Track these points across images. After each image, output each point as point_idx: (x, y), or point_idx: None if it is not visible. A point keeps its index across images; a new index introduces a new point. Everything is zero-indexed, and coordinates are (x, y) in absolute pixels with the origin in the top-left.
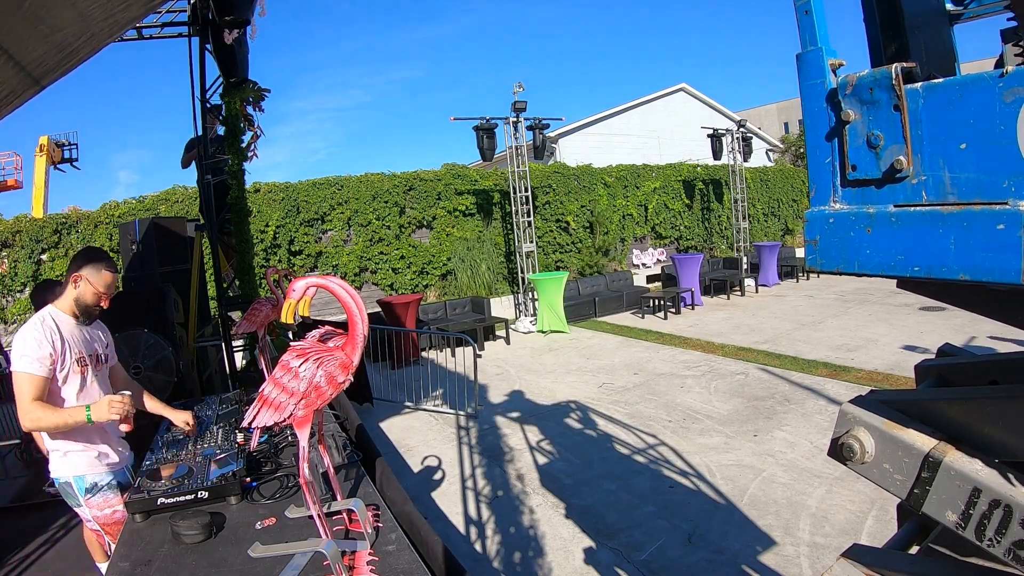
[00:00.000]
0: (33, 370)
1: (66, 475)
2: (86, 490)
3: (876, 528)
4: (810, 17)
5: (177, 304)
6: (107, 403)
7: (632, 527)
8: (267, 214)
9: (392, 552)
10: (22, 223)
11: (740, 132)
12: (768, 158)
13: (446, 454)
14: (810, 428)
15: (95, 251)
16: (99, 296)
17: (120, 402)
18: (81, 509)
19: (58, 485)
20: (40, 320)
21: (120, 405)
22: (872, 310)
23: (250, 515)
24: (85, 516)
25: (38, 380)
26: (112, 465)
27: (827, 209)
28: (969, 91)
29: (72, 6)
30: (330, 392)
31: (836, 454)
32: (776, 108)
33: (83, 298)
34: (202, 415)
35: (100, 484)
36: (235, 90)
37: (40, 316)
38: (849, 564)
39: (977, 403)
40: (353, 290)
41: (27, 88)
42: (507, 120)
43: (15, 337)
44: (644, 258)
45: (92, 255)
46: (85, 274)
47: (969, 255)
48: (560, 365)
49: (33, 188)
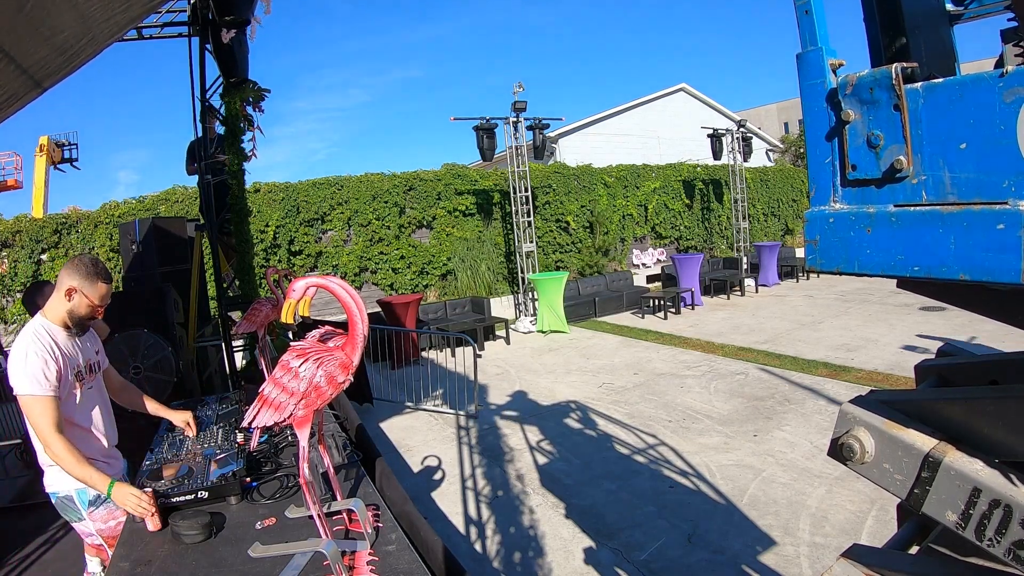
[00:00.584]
0: (46, 391)
1: (66, 489)
2: (89, 503)
3: (876, 528)
4: (810, 17)
5: (177, 304)
6: (134, 497)
7: (632, 527)
8: (267, 214)
9: (392, 552)
10: (22, 223)
11: (740, 132)
12: (768, 158)
13: (446, 454)
14: (810, 428)
15: (89, 262)
16: (94, 309)
17: (147, 501)
18: (83, 524)
19: (56, 500)
20: (34, 336)
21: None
22: (872, 310)
23: (250, 515)
24: (87, 531)
25: (52, 403)
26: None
27: (827, 209)
28: (969, 91)
29: (73, 8)
30: (330, 392)
31: (836, 454)
32: (776, 108)
33: (77, 311)
34: (202, 415)
35: (103, 496)
36: (235, 90)
37: (33, 330)
38: (849, 564)
39: (977, 403)
40: (353, 290)
41: (28, 90)
42: (507, 120)
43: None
44: (644, 258)
45: (86, 267)
46: (79, 287)
47: (969, 255)
48: (560, 365)
49: (33, 188)
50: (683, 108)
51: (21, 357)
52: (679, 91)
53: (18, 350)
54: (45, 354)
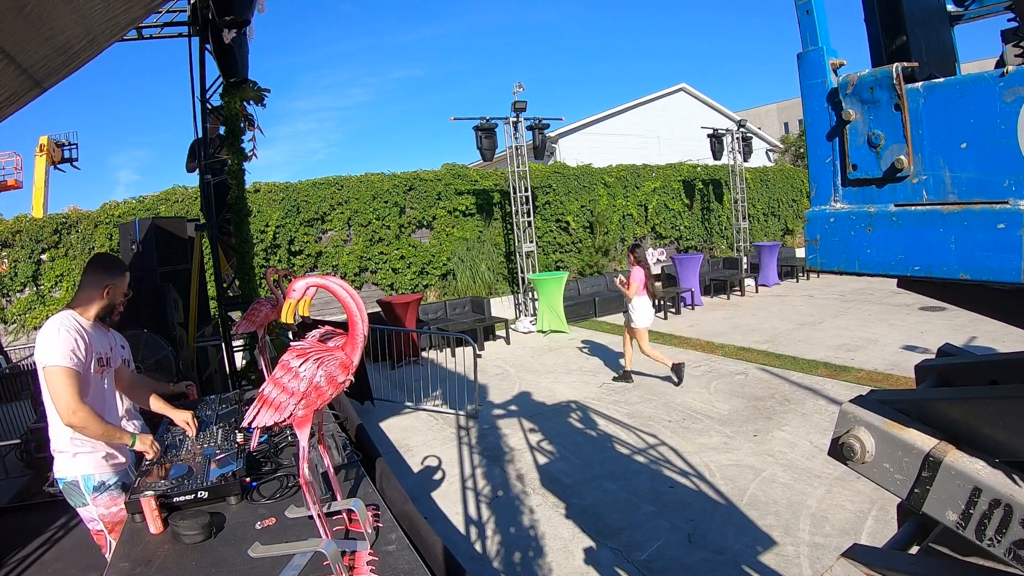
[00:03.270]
0: (70, 363)
1: (73, 475)
2: (94, 488)
3: (876, 528)
4: (811, 17)
5: (177, 304)
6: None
7: (632, 527)
8: (267, 214)
9: (392, 552)
10: (22, 223)
11: (740, 132)
12: (768, 158)
13: (446, 454)
14: (810, 428)
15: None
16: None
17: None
18: (86, 508)
19: (63, 485)
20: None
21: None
22: (872, 310)
23: (250, 515)
24: (90, 516)
25: (75, 374)
26: (117, 466)
27: (828, 208)
28: (969, 91)
29: (74, 9)
30: (330, 392)
31: (837, 454)
32: (776, 108)
33: (113, 302)
34: (202, 415)
35: (107, 483)
36: (235, 90)
37: (63, 316)
38: (849, 564)
39: (977, 403)
40: (353, 290)
41: (29, 90)
42: (507, 120)
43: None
44: None
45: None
46: (113, 283)
47: (969, 254)
48: (560, 365)
49: (33, 188)
50: (683, 108)
51: (53, 333)
52: (679, 91)
53: (50, 328)
54: (75, 335)
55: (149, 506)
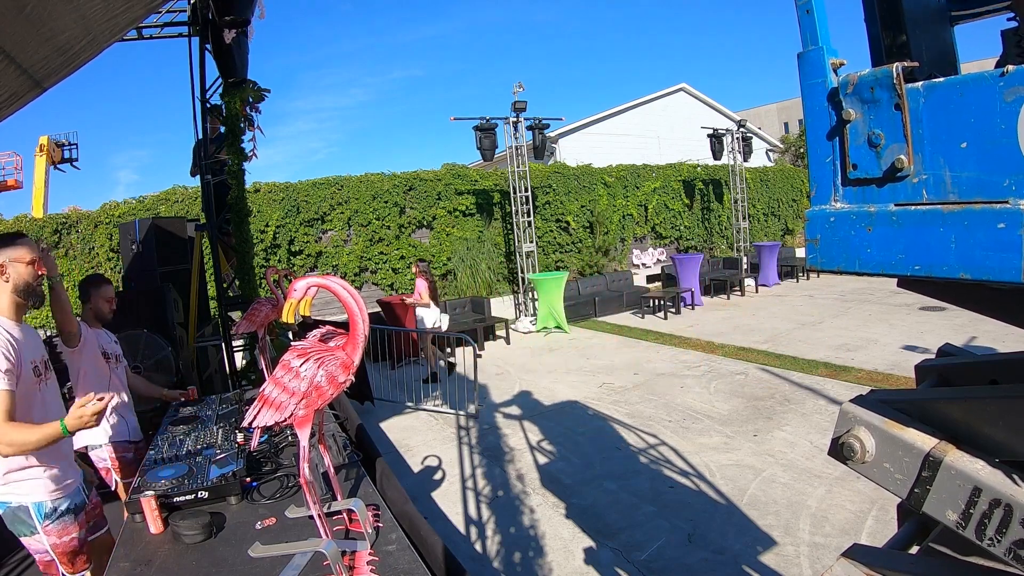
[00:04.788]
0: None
1: (20, 500)
2: (45, 515)
3: (876, 528)
4: (811, 16)
5: (177, 304)
6: (77, 411)
7: (632, 527)
8: (267, 214)
9: (392, 552)
10: (22, 223)
11: (740, 132)
12: (768, 158)
13: (446, 454)
14: (810, 428)
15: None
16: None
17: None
18: (35, 537)
19: (5, 512)
20: None
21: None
22: (872, 310)
23: (250, 515)
24: (39, 547)
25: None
26: (67, 487)
27: (828, 208)
28: (970, 90)
29: (74, 9)
30: (331, 392)
31: (837, 453)
32: (776, 108)
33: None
34: (202, 415)
35: (60, 509)
36: (235, 90)
37: None
38: (849, 564)
39: (977, 403)
40: (354, 290)
41: (29, 90)
42: (507, 120)
43: None
44: (644, 258)
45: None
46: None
47: (970, 254)
48: (560, 365)
49: (33, 188)
50: (683, 108)
51: None
52: (679, 91)
53: None
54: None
55: (149, 506)
